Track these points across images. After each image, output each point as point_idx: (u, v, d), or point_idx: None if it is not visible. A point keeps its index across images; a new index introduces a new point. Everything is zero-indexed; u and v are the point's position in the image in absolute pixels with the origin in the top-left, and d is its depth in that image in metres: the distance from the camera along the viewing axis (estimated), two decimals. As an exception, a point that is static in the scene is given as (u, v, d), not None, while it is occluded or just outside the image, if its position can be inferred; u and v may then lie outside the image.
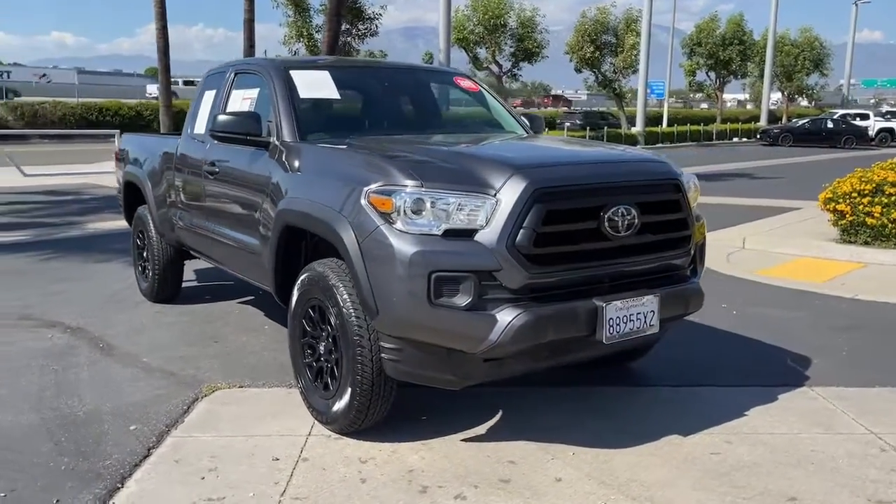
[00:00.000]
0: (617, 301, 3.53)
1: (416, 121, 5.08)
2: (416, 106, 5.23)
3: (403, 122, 5.01)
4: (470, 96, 5.49)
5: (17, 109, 31.93)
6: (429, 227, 3.36)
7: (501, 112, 5.45)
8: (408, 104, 5.23)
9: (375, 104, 5.07)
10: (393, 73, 5.46)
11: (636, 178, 3.78)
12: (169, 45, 20.11)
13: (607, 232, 3.52)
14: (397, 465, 3.59)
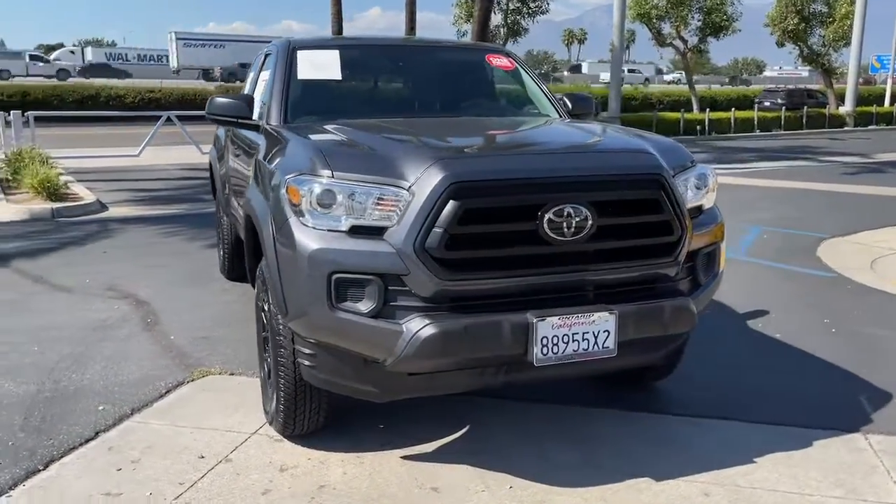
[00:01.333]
0: (554, 317, 3.01)
1: (427, 103, 4.70)
2: (431, 87, 4.84)
3: (411, 105, 4.65)
4: (505, 75, 5.01)
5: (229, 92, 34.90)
6: (335, 223, 3.03)
7: (536, 93, 4.91)
8: (423, 85, 4.86)
9: (382, 85, 4.75)
10: (413, 52, 5.08)
11: (593, 173, 3.18)
12: (342, 30, 20.84)
13: (547, 235, 2.99)
14: (314, 478, 3.32)
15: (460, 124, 4.20)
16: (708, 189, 3.61)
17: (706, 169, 3.64)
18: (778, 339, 5.24)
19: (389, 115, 4.42)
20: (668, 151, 3.58)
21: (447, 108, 4.64)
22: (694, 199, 3.52)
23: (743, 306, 5.99)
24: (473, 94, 4.87)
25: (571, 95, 4.97)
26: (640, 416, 3.97)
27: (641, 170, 3.24)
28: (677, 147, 3.73)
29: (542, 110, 4.80)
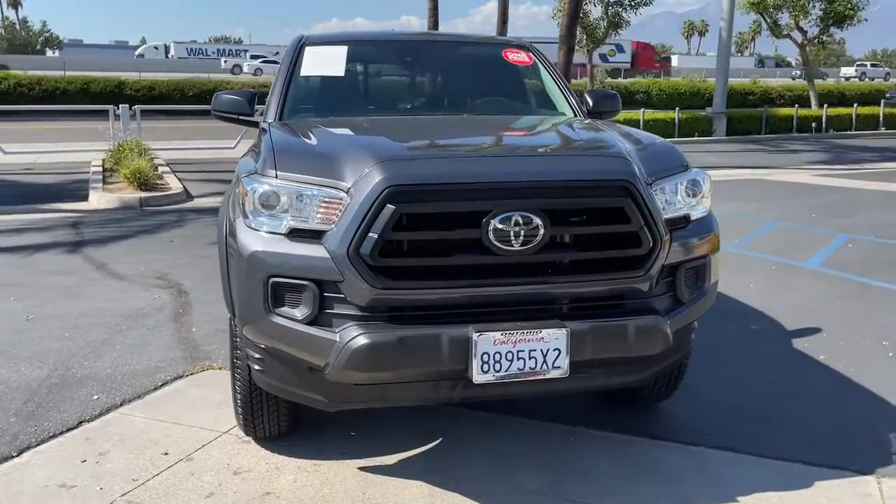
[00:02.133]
0: (495, 333, 2.80)
1: (433, 100, 4.53)
2: (439, 84, 4.67)
3: (415, 102, 4.50)
4: (522, 71, 4.77)
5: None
6: (276, 225, 2.94)
7: (553, 90, 4.64)
8: (431, 82, 4.69)
9: (390, 82, 4.62)
10: (426, 47, 4.90)
11: (545, 178, 2.93)
12: (437, 26, 20.82)
13: (493, 245, 2.79)
14: (263, 484, 3.26)
15: (449, 124, 4.01)
16: (701, 196, 3.29)
17: (700, 174, 3.32)
18: (820, 361, 4.76)
19: (391, 112, 4.31)
20: (654, 155, 3.29)
21: (453, 105, 4.46)
22: (683, 207, 3.21)
23: (795, 323, 5.51)
24: (484, 90, 4.66)
25: (594, 93, 4.68)
26: (628, 440, 3.68)
27: (604, 175, 2.97)
28: (667, 150, 3.42)
29: (557, 109, 4.54)
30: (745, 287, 6.50)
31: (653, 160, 3.24)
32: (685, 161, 3.35)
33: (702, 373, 4.52)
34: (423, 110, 4.38)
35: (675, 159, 3.33)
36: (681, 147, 3.67)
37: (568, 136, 3.58)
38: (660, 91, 34.71)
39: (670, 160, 3.32)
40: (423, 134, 3.71)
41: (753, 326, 5.50)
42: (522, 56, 4.74)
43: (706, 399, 4.17)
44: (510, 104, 4.57)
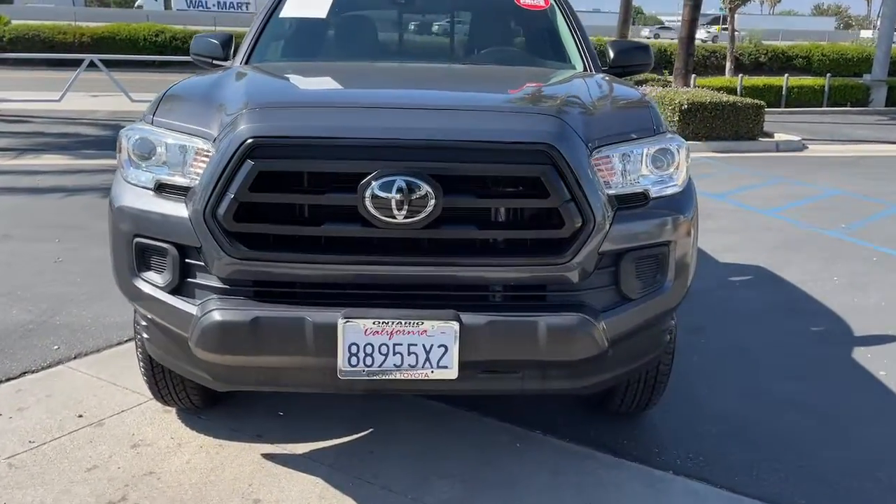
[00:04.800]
0: (367, 320, 2.34)
1: (421, 48, 4.03)
2: (433, 30, 4.14)
3: (401, 49, 3.99)
4: (534, 17, 4.14)
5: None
6: (146, 178, 2.60)
7: (566, 40, 3.99)
8: (424, 28, 4.17)
9: (374, 26, 4.11)
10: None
11: (443, 137, 2.38)
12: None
13: (370, 215, 2.31)
14: (151, 462, 2.98)
15: (413, 74, 3.47)
16: (672, 168, 2.64)
17: (672, 141, 2.66)
18: (878, 378, 3.92)
19: (368, 59, 3.84)
20: (610, 116, 2.69)
21: (443, 54, 3.95)
22: (644, 181, 2.58)
23: (870, 327, 4.62)
24: (484, 38, 4.08)
25: (617, 44, 4.00)
26: (587, 454, 3.11)
27: (516, 136, 2.39)
28: (634, 109, 2.79)
29: (568, 61, 3.90)
30: (826, 279, 5.58)
31: (607, 121, 2.63)
32: (656, 124, 2.69)
33: (721, 379, 3.85)
34: (405, 58, 3.88)
35: (640, 121, 2.69)
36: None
37: (518, 91, 2.98)
38: (822, 56, 31.73)
39: (633, 122, 2.68)
40: (360, 83, 3.22)
41: (815, 327, 4.66)
42: (538, 0, 4.11)
43: (708, 413, 3.50)
44: (511, 54, 3.97)
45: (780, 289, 5.38)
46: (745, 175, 10.52)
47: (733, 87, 19.60)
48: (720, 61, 27.80)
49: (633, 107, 2.82)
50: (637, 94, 2.97)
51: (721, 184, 9.77)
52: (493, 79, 3.33)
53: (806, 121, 17.47)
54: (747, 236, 6.92)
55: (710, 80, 20.34)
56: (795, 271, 5.76)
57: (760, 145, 13.39)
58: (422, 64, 3.72)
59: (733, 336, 4.44)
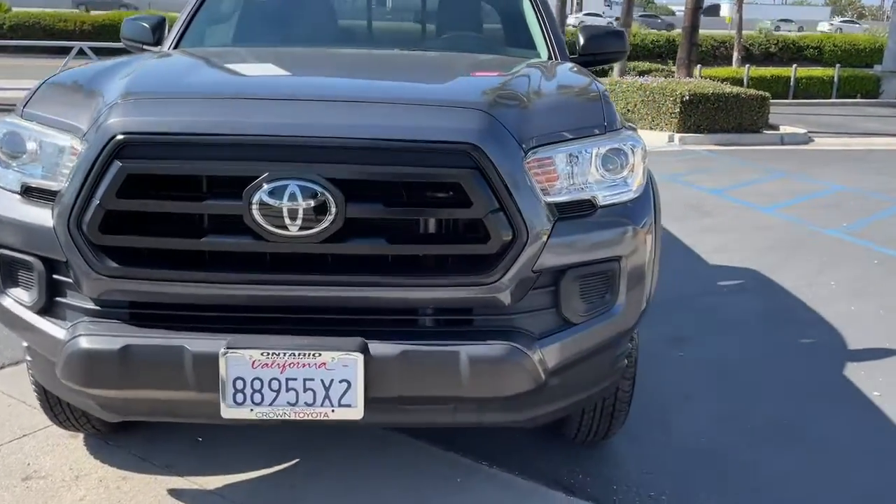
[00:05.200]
0: (254, 351, 1.98)
1: (369, 32, 3.65)
2: (386, 13, 3.77)
3: (346, 33, 3.61)
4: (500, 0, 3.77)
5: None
6: (11, 180, 2.24)
7: (531, 26, 3.61)
8: (377, 10, 3.79)
9: (322, 9, 3.73)
10: None
11: (345, 135, 2.01)
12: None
13: (259, 226, 1.96)
14: (41, 498, 2.64)
15: (345, 61, 3.09)
16: (626, 171, 2.27)
17: (626, 140, 2.29)
18: (870, 399, 3.54)
19: (308, 43, 3.48)
20: (553, 110, 2.32)
21: (394, 39, 3.58)
22: (590, 186, 2.22)
23: (866, 339, 4.24)
24: (440, 24, 3.72)
25: (588, 30, 3.62)
26: (533, 490, 2.73)
27: (432, 134, 2.02)
28: (582, 102, 2.43)
29: (531, 47, 3.53)
30: (822, 284, 5.20)
31: (549, 117, 2.26)
32: (609, 120, 2.32)
33: (698, 398, 3.50)
34: (351, 43, 3.50)
35: (589, 117, 2.31)
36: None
37: (451, 81, 2.58)
38: (834, 47, 31.18)
39: (581, 118, 2.31)
40: (275, 71, 2.85)
41: (805, 339, 4.28)
42: (506, -20, 3.74)
43: (678, 441, 3.15)
44: (468, 40, 3.59)
45: (772, 295, 5.01)
46: (746, 169, 10.12)
47: (740, 77, 19.16)
48: (729, 51, 27.24)
49: (583, 100, 2.45)
50: (591, 84, 2.59)
51: (720, 178, 9.38)
52: (431, 67, 2.95)
53: (814, 113, 17.00)
54: (742, 235, 6.54)
55: (716, 71, 19.90)
56: (790, 275, 5.38)
57: (764, 138, 12.97)
58: (363, 50, 3.35)
59: (715, 348, 4.08)
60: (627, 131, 2.35)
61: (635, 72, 19.19)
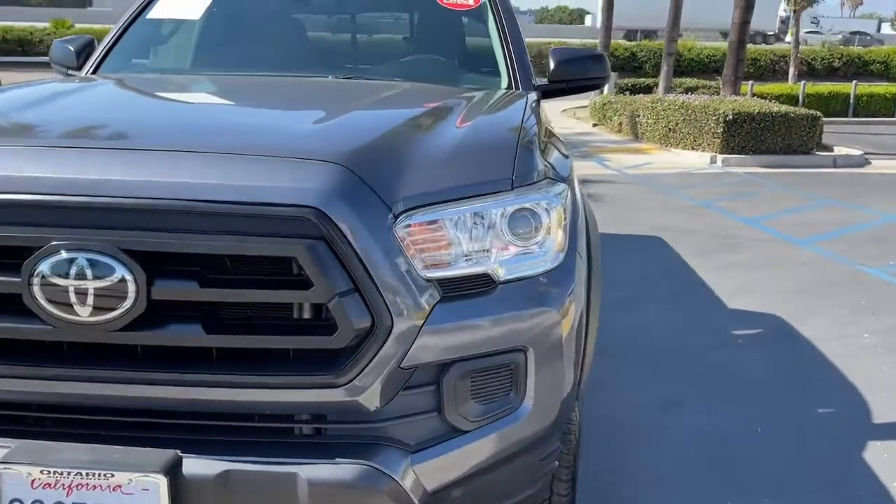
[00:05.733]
0: (34, 468, 1.57)
1: (308, 56, 3.22)
2: (326, 36, 3.35)
3: (281, 57, 3.19)
4: (457, 18, 3.31)
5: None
6: None
7: (496, 47, 3.15)
8: (317, 32, 3.37)
9: (254, 29, 3.33)
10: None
11: (155, 195, 1.56)
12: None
13: (42, 309, 1.55)
14: None
15: (233, 95, 2.64)
16: (539, 236, 1.80)
17: (544, 196, 1.82)
18: (890, 492, 2.95)
19: (238, 69, 3.10)
20: (446, 161, 1.85)
21: (329, 62, 3.15)
22: (488, 256, 1.75)
23: (894, 410, 3.63)
24: (385, 46, 3.30)
25: (559, 52, 3.14)
26: None
27: (266, 195, 1.57)
28: (493, 150, 1.96)
29: (492, 74, 3.07)
30: (854, 336, 4.59)
31: (438, 169, 1.80)
32: (520, 171, 1.84)
33: (679, 491, 2.95)
34: (283, 68, 3.09)
35: (494, 167, 1.84)
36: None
37: (322, 122, 2.11)
38: (903, 62, 29.86)
39: (483, 169, 1.84)
40: (128, 108, 2.37)
41: (823, 409, 3.69)
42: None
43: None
44: (408, 66, 3.13)
45: (794, 349, 4.40)
46: (790, 195, 9.40)
47: (795, 94, 18.26)
48: (788, 67, 26.24)
49: (491, 147, 1.97)
50: (515, 125, 2.11)
51: (758, 205, 8.71)
52: (324, 102, 2.47)
53: (874, 132, 16.03)
54: (771, 274, 5.91)
55: (770, 87, 19.03)
56: (818, 324, 4.76)
57: (815, 160, 12.17)
58: (279, 76, 2.92)
59: (714, 418, 3.52)
60: (547, 186, 1.87)
61: (681, 88, 18.48)
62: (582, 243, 2.01)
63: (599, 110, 16.34)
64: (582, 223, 2.10)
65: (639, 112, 14.06)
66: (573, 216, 1.99)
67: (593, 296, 2.06)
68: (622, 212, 8.04)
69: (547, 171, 1.95)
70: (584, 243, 2.05)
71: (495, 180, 1.80)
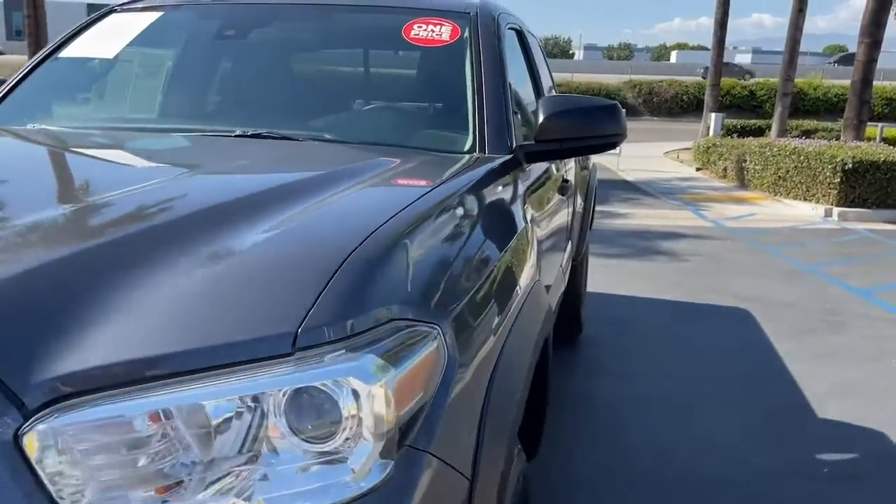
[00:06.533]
0: None
1: (234, 106, 2.55)
2: (267, 79, 2.64)
3: (201, 108, 2.54)
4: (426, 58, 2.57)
5: (636, 87, 32.89)
6: None
7: (468, 97, 2.38)
8: (257, 75, 2.67)
9: (187, 70, 2.69)
10: (273, 13, 2.80)
11: None
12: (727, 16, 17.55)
13: None
14: None
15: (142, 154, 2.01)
16: (346, 429, 1.02)
17: (357, 370, 1.03)
18: None
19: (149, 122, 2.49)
20: (203, 297, 1.11)
21: (258, 117, 2.46)
22: (244, 474, 0.98)
23: None
24: (334, 92, 2.56)
25: (550, 103, 2.32)
26: None
27: None
28: (289, 272, 1.18)
29: (460, 129, 2.30)
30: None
31: (158, 318, 1.04)
32: (321, 319, 1.06)
33: None
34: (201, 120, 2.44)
35: (267, 314, 1.07)
36: None
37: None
38: None
39: (243, 316, 1.06)
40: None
41: None
42: (440, 31, 2.52)
43: None
44: (348, 118, 2.41)
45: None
46: (917, 261, 8.04)
47: (933, 139, 16.38)
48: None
49: (283, 268, 1.18)
50: (374, 218, 1.33)
51: (876, 273, 7.43)
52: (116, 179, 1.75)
53: None
54: (882, 369, 4.77)
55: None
56: (940, 449, 3.65)
57: (954, 218, 10.57)
58: (151, 134, 2.26)
59: None
60: (368, 348, 1.08)
61: (798, 131, 16.94)
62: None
63: (703, 153, 15.11)
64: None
65: (746, 157, 12.81)
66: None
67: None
68: (708, 275, 7.00)
69: (410, 309, 1.17)
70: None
71: (262, 338, 1.03)
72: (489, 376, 1.35)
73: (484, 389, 1.32)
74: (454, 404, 1.19)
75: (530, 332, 1.66)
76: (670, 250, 8.06)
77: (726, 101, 29.60)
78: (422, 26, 2.53)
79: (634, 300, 6.06)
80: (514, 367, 1.50)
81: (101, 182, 1.72)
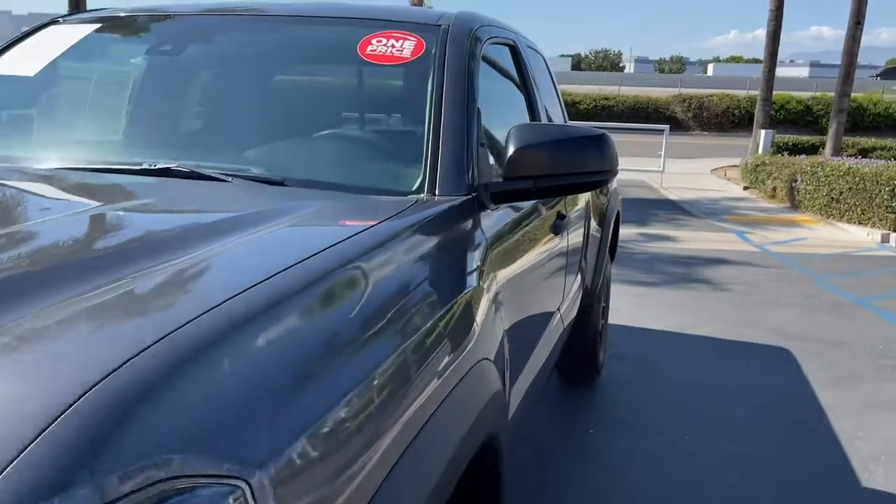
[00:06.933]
0: None
1: (159, 131, 2.21)
2: (212, 102, 2.29)
3: (125, 134, 2.21)
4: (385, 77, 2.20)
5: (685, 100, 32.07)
6: None
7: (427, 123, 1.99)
8: (198, 97, 2.33)
9: (116, 89, 2.37)
10: (219, 26, 2.43)
11: None
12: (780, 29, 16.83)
13: None
14: None
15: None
16: None
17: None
18: None
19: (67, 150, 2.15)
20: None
21: (190, 148, 2.12)
22: None
23: None
24: (274, 118, 2.19)
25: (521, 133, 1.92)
26: None
27: None
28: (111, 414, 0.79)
29: (407, 167, 1.92)
30: None
31: None
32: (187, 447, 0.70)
33: None
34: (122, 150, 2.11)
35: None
36: None
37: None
38: None
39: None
40: None
41: None
42: (401, 47, 2.15)
43: None
44: (286, 155, 2.03)
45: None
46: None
47: None
48: None
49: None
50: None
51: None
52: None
53: None
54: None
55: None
56: None
57: None
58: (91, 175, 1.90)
59: None
60: (232, 481, 0.72)
61: (854, 149, 16.10)
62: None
63: (751, 172, 14.43)
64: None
65: (797, 176, 12.14)
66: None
67: None
68: (746, 308, 6.46)
69: (201, 459, 0.79)
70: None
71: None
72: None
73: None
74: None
75: (447, 442, 1.26)
76: (710, 278, 7.53)
77: (780, 116, 28.63)
78: (381, 41, 2.16)
79: (666, 336, 5.58)
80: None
81: None
